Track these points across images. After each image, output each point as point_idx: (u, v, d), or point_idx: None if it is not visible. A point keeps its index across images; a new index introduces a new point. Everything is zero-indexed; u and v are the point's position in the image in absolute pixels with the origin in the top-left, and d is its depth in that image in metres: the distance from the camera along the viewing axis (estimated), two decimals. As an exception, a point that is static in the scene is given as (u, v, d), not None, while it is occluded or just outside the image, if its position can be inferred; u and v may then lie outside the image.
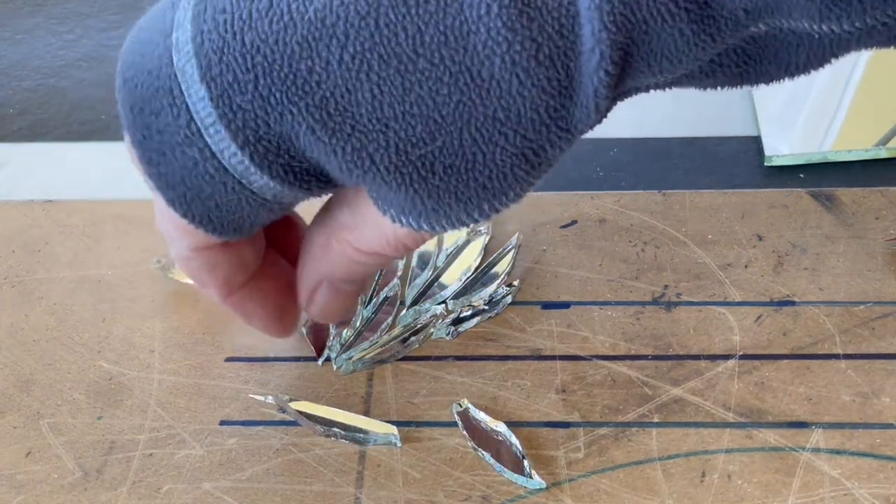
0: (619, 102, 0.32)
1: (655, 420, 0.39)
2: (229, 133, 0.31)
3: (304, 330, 0.42)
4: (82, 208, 0.48)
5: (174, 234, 0.35)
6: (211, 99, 0.31)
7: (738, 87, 0.33)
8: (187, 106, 0.31)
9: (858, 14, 0.28)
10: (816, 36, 0.30)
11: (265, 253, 0.38)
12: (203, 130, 0.31)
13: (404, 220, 0.32)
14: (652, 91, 0.33)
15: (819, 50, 0.31)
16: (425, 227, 0.32)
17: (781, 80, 0.32)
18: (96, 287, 0.45)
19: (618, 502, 0.37)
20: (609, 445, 0.38)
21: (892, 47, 0.31)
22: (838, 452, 0.38)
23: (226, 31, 0.30)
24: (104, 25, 0.58)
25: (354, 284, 0.38)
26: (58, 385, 0.41)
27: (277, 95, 0.30)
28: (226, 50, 0.30)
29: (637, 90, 0.32)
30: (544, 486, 0.37)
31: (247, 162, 0.31)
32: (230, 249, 0.36)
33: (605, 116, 0.31)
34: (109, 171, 0.50)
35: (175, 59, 0.31)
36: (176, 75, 0.31)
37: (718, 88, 0.33)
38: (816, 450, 0.38)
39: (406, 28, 0.29)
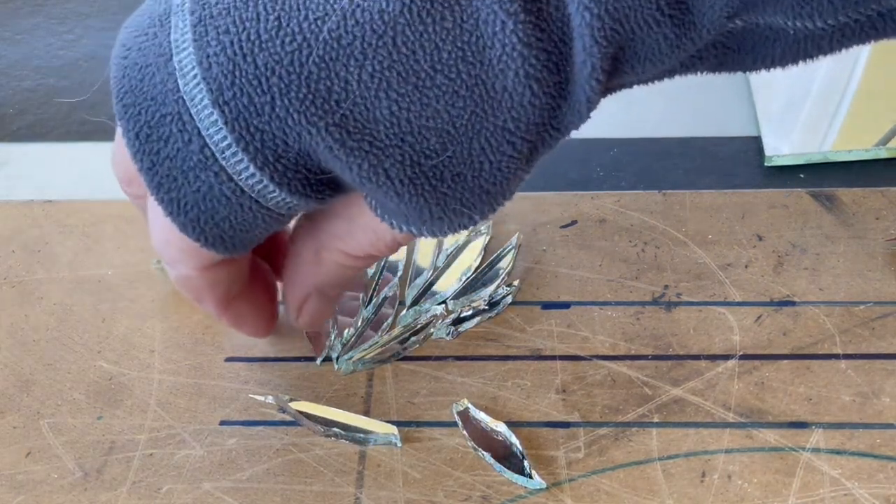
0: (607, 97, 0.33)
1: (655, 420, 0.39)
2: (247, 155, 0.31)
3: (304, 330, 0.42)
4: (82, 208, 0.48)
5: (178, 256, 0.35)
6: (225, 123, 0.30)
7: (716, 73, 0.34)
8: (199, 130, 0.31)
9: (830, 12, 0.29)
10: (791, 32, 0.31)
11: None
12: (218, 154, 0.31)
13: (405, 228, 0.33)
14: (636, 87, 0.34)
15: (794, 45, 0.32)
16: (426, 233, 0.32)
17: (758, 71, 0.33)
18: (96, 287, 0.45)
19: (618, 502, 0.37)
20: (609, 445, 0.38)
21: (868, 44, 0.31)
22: (838, 452, 0.38)
23: (234, 53, 0.30)
24: (104, 25, 0.58)
25: (341, 289, 0.39)
26: (58, 385, 0.41)
27: (296, 116, 0.30)
28: (237, 73, 0.30)
29: (621, 87, 0.33)
30: (544, 486, 0.37)
31: (265, 181, 0.31)
32: (232, 263, 0.36)
33: (590, 117, 0.32)
34: (109, 171, 0.50)
35: (181, 84, 0.31)
36: (183, 100, 0.31)
37: (698, 74, 0.34)
38: (816, 450, 0.38)
39: (424, 46, 0.29)
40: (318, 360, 0.42)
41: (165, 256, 0.35)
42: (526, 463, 0.38)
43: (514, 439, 0.38)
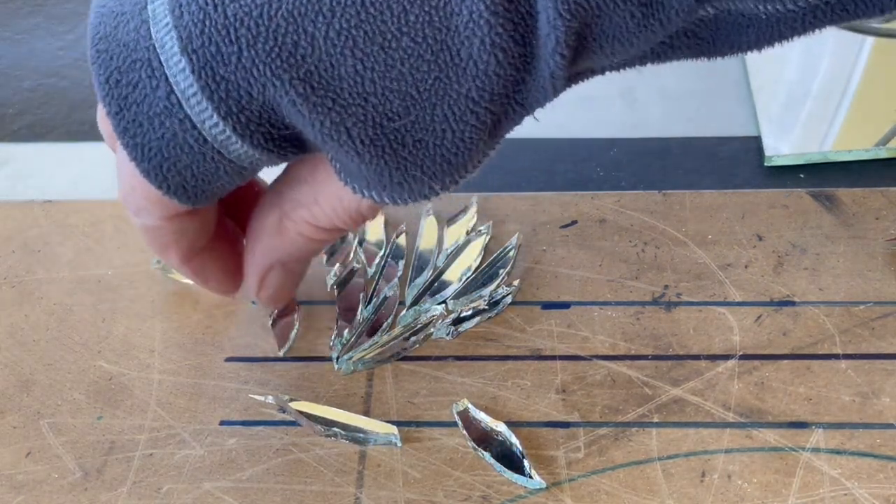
0: (573, 85, 0.33)
1: (655, 420, 0.39)
2: (211, 104, 0.31)
3: (269, 321, 0.42)
4: (82, 208, 0.48)
5: (143, 204, 0.35)
6: (192, 70, 0.31)
7: (693, 60, 0.34)
8: (166, 77, 0.31)
9: None
10: (763, 16, 0.31)
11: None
12: (183, 102, 0.31)
13: (367, 193, 0.33)
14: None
15: (767, 29, 0.32)
16: (387, 199, 0.33)
17: (734, 56, 0.33)
18: (96, 287, 0.45)
19: (618, 502, 0.37)
20: (609, 445, 0.38)
21: (839, 25, 0.32)
22: (838, 452, 0.38)
23: (206, 2, 0.30)
24: (104, 25, 0.58)
25: (305, 264, 0.39)
26: (58, 385, 0.41)
27: (261, 67, 0.30)
28: (207, 22, 0.30)
29: (592, 72, 0.33)
30: (544, 486, 0.37)
31: (228, 132, 0.32)
32: (197, 215, 0.36)
33: (557, 96, 0.32)
34: (109, 171, 0.50)
35: (153, 31, 0.31)
36: (154, 47, 0.31)
37: (672, 61, 0.34)
38: (816, 450, 0.38)
39: (392, 7, 0.30)
40: (282, 352, 0.42)
41: (130, 204, 0.35)
42: (526, 463, 0.38)
43: (514, 439, 0.38)
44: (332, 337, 0.42)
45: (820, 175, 0.48)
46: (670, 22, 0.30)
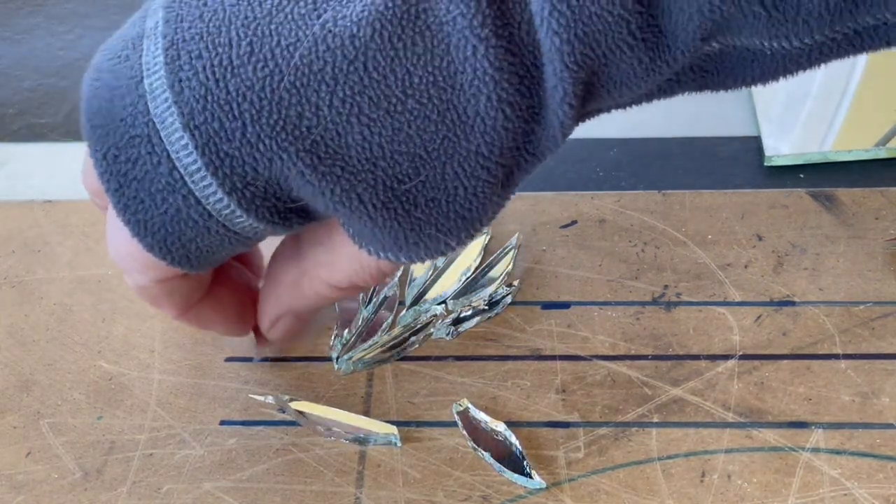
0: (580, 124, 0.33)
1: (655, 420, 0.39)
2: (216, 180, 0.31)
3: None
4: (82, 208, 0.48)
5: (138, 268, 0.34)
6: (196, 147, 0.30)
7: (698, 93, 0.34)
8: (168, 154, 0.31)
9: (805, 32, 0.29)
10: (768, 52, 0.31)
11: None
12: (187, 178, 0.31)
13: (382, 255, 0.32)
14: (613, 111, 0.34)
15: (772, 64, 0.32)
16: (404, 259, 0.32)
17: (739, 89, 0.33)
18: (96, 287, 0.45)
19: (618, 502, 0.37)
20: (609, 445, 0.38)
21: (846, 58, 0.31)
22: (838, 452, 0.38)
23: (206, 78, 0.30)
24: (104, 25, 0.58)
25: (317, 313, 0.39)
26: (58, 385, 0.41)
27: (267, 142, 0.30)
28: (209, 97, 0.30)
29: (599, 111, 0.33)
30: (544, 486, 0.37)
31: (233, 206, 0.31)
32: (191, 276, 0.35)
33: (566, 140, 0.32)
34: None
35: (151, 107, 0.31)
36: (153, 123, 0.31)
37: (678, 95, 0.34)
38: (816, 450, 0.38)
39: (395, 71, 0.29)
40: (256, 359, 0.41)
41: (124, 267, 0.35)
42: (526, 463, 0.38)
43: (513, 439, 0.38)
44: (332, 337, 0.42)
45: (820, 175, 0.48)
46: (676, 62, 0.30)
